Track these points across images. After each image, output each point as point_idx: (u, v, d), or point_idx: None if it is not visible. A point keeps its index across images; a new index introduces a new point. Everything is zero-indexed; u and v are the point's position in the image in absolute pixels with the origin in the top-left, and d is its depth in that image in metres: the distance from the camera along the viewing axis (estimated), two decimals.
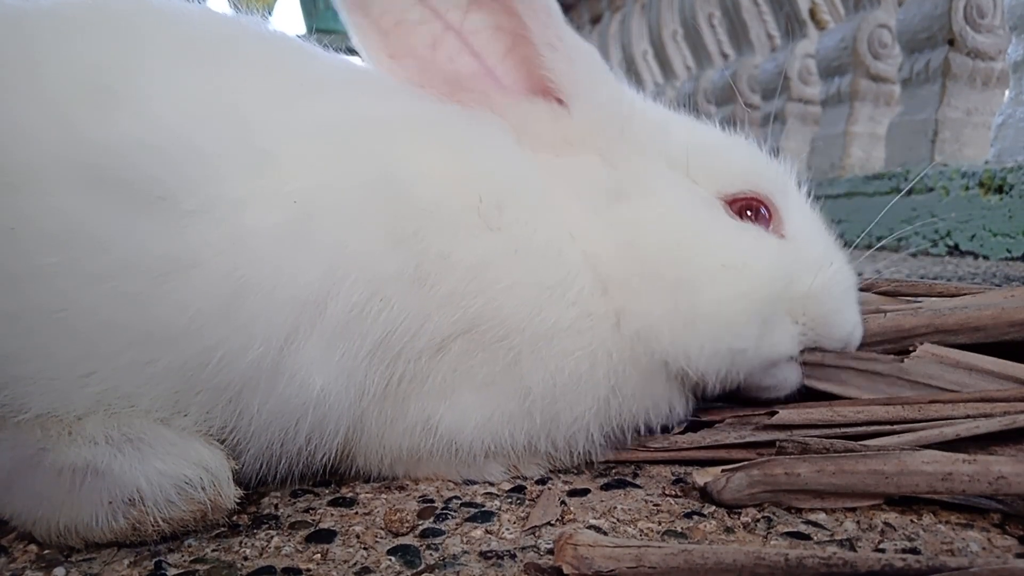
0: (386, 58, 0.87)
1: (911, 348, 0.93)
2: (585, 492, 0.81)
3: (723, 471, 0.77)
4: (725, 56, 6.77)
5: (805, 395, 0.92)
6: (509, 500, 0.79)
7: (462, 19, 0.85)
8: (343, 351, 0.73)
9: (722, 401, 0.95)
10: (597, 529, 0.71)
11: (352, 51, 0.90)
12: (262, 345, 0.69)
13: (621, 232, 0.84)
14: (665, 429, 0.91)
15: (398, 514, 0.73)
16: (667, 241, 0.84)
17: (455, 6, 0.84)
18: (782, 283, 0.85)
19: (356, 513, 0.76)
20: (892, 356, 0.92)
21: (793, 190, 0.95)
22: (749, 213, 0.89)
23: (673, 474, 0.86)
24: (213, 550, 0.68)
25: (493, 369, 0.79)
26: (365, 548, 0.68)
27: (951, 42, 3.78)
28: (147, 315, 0.67)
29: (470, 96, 0.86)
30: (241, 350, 0.69)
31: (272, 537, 0.70)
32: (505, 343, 0.78)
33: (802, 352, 0.90)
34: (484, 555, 0.66)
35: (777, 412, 0.87)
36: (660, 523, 0.73)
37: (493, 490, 0.82)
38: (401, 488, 0.82)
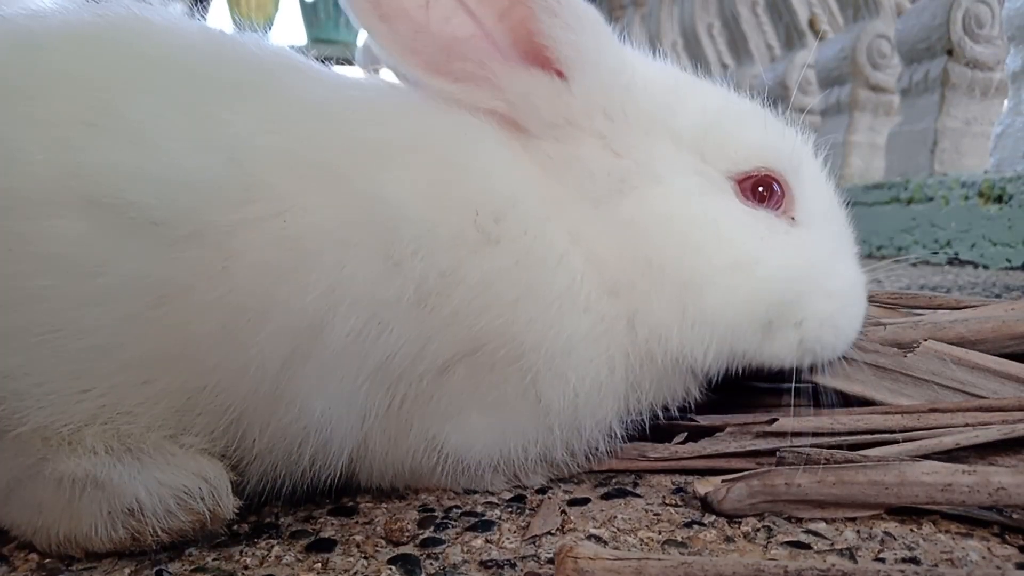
0: (377, 21, 0.79)
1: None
2: (585, 501, 0.81)
3: (723, 481, 0.77)
4: (724, 66, 6.79)
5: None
6: (509, 509, 0.79)
7: None
8: (342, 376, 0.71)
9: (723, 398, 0.94)
10: (597, 539, 0.71)
11: (351, 62, 0.89)
12: (258, 371, 0.68)
13: (624, 232, 0.81)
14: (681, 409, 0.90)
15: (398, 523, 0.73)
16: (672, 241, 0.81)
17: None
18: (790, 284, 0.83)
19: (356, 522, 0.76)
20: (896, 350, 0.92)
21: (808, 165, 0.91)
22: (762, 190, 0.84)
23: (673, 483, 0.86)
24: (214, 559, 0.68)
25: (505, 391, 0.77)
26: (365, 557, 0.68)
27: (950, 52, 3.79)
28: (143, 338, 0.67)
29: (466, 67, 0.80)
30: (237, 376, 0.68)
31: (273, 546, 0.70)
32: (520, 364, 0.75)
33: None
34: (484, 564, 0.66)
35: (777, 419, 0.87)
36: (660, 532, 0.73)
37: (493, 499, 0.82)
38: (401, 497, 0.82)
